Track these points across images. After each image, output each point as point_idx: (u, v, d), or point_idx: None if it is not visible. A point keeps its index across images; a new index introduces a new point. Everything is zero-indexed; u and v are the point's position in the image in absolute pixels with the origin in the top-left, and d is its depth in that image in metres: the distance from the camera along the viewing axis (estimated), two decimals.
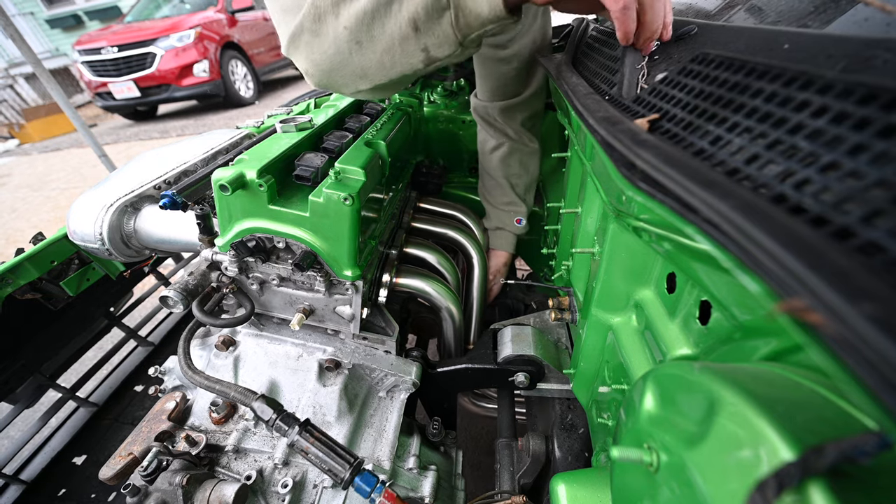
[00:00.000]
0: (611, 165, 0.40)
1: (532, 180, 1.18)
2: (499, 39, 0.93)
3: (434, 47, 0.64)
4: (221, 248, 0.75)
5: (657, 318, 0.55)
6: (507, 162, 1.11)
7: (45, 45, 10.87)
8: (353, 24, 0.64)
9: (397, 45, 0.64)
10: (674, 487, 0.30)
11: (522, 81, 1.02)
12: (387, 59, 0.67)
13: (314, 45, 0.68)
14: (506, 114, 1.05)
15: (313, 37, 0.67)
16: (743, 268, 0.23)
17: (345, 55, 0.67)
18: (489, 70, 1.00)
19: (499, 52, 0.95)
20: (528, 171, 1.15)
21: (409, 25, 0.62)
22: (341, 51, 0.67)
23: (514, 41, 0.93)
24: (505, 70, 0.98)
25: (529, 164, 1.14)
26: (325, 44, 0.67)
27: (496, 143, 1.09)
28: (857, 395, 0.18)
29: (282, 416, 0.68)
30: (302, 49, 0.69)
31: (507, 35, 0.92)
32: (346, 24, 0.64)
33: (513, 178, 1.14)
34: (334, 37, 0.65)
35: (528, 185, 1.18)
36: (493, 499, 0.81)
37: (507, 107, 1.04)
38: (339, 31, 0.65)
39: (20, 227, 3.91)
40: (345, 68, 0.70)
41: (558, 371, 0.91)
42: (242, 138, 1.15)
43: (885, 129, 0.23)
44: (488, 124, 1.09)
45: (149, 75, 6.01)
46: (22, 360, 1.11)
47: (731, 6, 0.60)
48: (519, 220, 1.19)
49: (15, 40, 2.83)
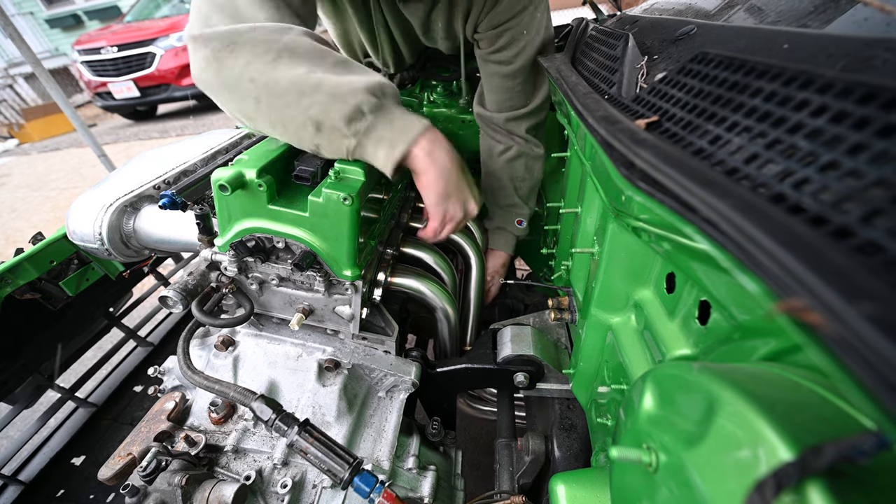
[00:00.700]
0: (610, 165, 0.40)
1: (535, 184, 1.18)
2: (504, 56, 0.95)
3: (324, 149, 0.67)
4: (221, 248, 0.75)
5: (656, 318, 0.55)
6: (512, 165, 1.11)
7: (44, 45, 10.88)
8: (261, 84, 0.63)
9: (292, 126, 0.65)
10: (673, 487, 0.30)
11: (528, 94, 1.04)
12: (278, 126, 0.67)
13: (214, 64, 0.64)
14: (512, 123, 1.07)
15: (216, 59, 0.63)
16: (742, 267, 0.23)
17: (238, 95, 0.65)
18: (495, 84, 1.01)
19: (504, 69, 0.97)
20: (532, 176, 1.15)
21: (312, 124, 0.64)
22: (237, 90, 0.64)
23: (518, 56, 0.94)
24: (511, 84, 1.00)
25: (534, 168, 1.14)
26: (225, 73, 0.64)
27: (503, 147, 1.10)
28: (855, 395, 0.18)
29: (281, 416, 0.68)
30: (200, 54, 0.65)
31: (512, 51, 0.94)
32: (254, 77, 0.63)
33: (517, 180, 1.14)
34: (238, 76, 0.63)
35: (531, 188, 1.18)
36: (492, 499, 0.81)
37: (513, 117, 1.05)
38: (245, 77, 0.63)
39: (20, 227, 3.91)
40: (231, 102, 0.67)
41: (558, 371, 0.91)
42: (242, 138, 1.15)
43: (884, 128, 0.23)
44: (494, 131, 1.10)
45: (148, 75, 6.01)
46: (21, 360, 1.11)
47: (731, 6, 0.60)
48: (520, 221, 1.19)
49: (14, 40, 2.83)
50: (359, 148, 0.66)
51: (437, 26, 0.99)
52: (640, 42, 0.64)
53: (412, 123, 0.69)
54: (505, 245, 1.22)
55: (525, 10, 0.89)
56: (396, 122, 0.67)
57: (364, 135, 0.65)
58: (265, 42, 0.63)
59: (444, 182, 0.74)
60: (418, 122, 0.69)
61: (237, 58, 0.62)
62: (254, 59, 0.62)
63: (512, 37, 0.92)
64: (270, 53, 0.62)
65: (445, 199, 0.77)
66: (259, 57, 0.62)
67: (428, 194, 0.76)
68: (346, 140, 0.65)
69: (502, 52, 0.94)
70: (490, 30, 0.92)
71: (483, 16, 0.91)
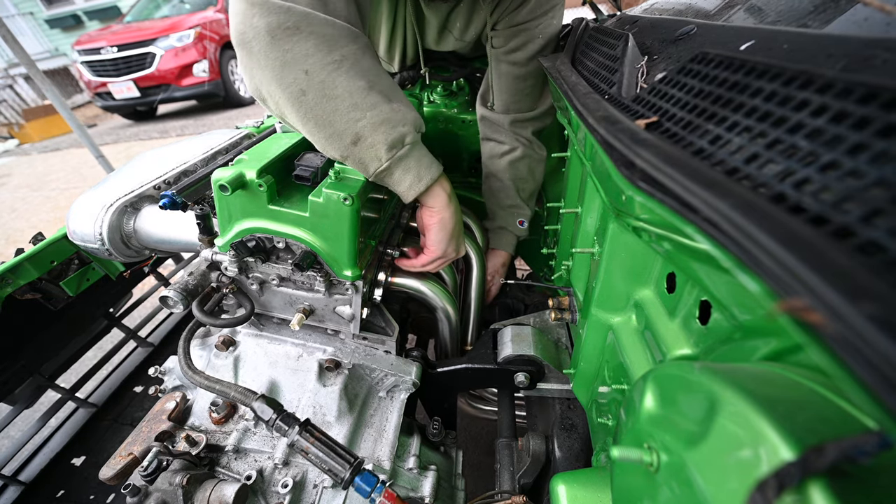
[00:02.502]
0: (610, 165, 0.40)
1: (537, 186, 1.19)
2: (517, 57, 0.96)
3: (350, 160, 0.69)
4: (221, 249, 0.75)
5: (657, 317, 0.55)
6: (516, 166, 1.12)
7: (44, 45, 10.88)
8: (315, 80, 0.61)
9: (329, 130, 0.65)
10: (674, 487, 0.30)
11: (536, 98, 1.05)
12: (309, 123, 0.65)
13: (267, 37, 0.60)
14: (517, 125, 1.07)
15: (273, 34, 0.59)
16: (743, 267, 0.23)
17: (281, 78, 0.62)
18: (506, 85, 1.02)
19: (516, 70, 0.98)
20: (534, 178, 1.16)
21: (352, 136, 0.66)
22: (283, 74, 0.61)
23: (532, 60, 0.96)
24: (521, 86, 1.01)
25: (536, 171, 1.15)
26: (276, 53, 0.60)
27: (507, 149, 1.10)
28: (856, 394, 0.18)
29: (282, 416, 0.68)
30: (259, 18, 0.59)
31: (526, 53, 0.95)
32: (310, 70, 0.61)
33: (519, 181, 1.14)
34: (290, 61, 0.60)
35: (532, 190, 1.19)
36: (493, 499, 0.81)
37: (520, 119, 1.06)
38: (299, 65, 0.61)
39: (20, 227, 3.91)
40: (266, 78, 0.63)
41: (558, 371, 0.91)
42: (242, 138, 1.15)
43: (884, 128, 0.23)
44: (497, 132, 1.11)
45: (148, 75, 6.01)
46: (22, 361, 1.11)
47: (731, 6, 0.60)
48: (522, 221, 1.20)
49: (7, 41, 2.83)
50: (386, 172, 0.70)
51: (455, 25, 1.01)
52: (640, 42, 0.64)
53: (435, 163, 0.76)
54: (506, 245, 1.22)
55: (546, 15, 0.91)
56: (423, 158, 0.73)
57: (395, 162, 0.69)
58: (333, 41, 0.61)
59: (453, 224, 0.81)
60: (439, 164, 0.76)
61: (297, 43, 0.60)
62: (316, 53, 0.61)
63: (527, 38, 0.93)
64: (335, 54, 0.62)
65: (450, 239, 0.83)
66: (322, 54, 0.61)
67: (436, 230, 0.81)
68: (379, 162, 0.68)
69: (516, 52, 0.95)
70: (508, 28, 0.93)
71: (506, 13, 0.92)
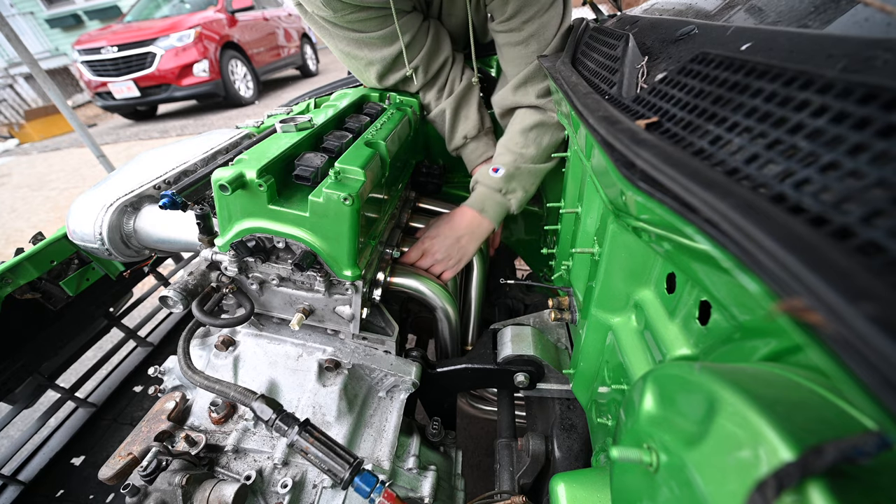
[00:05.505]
0: (610, 165, 0.40)
1: (539, 151, 1.08)
2: (513, 24, 1.01)
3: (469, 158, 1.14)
4: (221, 248, 0.75)
5: (657, 318, 0.55)
6: (522, 118, 1.09)
7: (44, 45, 10.88)
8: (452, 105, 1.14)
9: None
10: (673, 487, 0.30)
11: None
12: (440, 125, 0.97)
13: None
14: (520, 92, 1.08)
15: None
16: (742, 267, 0.23)
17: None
18: (510, 55, 1.07)
19: (514, 36, 1.02)
20: (539, 145, 1.07)
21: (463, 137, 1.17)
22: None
23: (528, 24, 0.99)
24: (524, 52, 1.04)
25: (544, 139, 1.07)
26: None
27: (525, 113, 1.09)
28: (856, 395, 0.18)
29: (281, 416, 0.68)
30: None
31: (521, 18, 0.99)
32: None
33: (523, 138, 1.08)
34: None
35: (532, 157, 1.09)
36: (492, 499, 0.81)
37: (520, 82, 1.08)
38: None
39: (20, 227, 3.91)
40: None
41: (558, 371, 0.91)
42: (242, 138, 1.15)
43: (884, 128, 0.23)
44: (508, 115, 1.14)
45: (148, 75, 6.02)
46: (21, 360, 1.11)
47: (731, 6, 0.60)
48: (496, 168, 1.08)
49: (11, 40, 2.83)
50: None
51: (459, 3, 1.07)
52: (641, 42, 0.64)
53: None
54: (475, 201, 1.11)
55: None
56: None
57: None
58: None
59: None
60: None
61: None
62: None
63: (520, 5, 0.96)
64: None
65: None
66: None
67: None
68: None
69: (511, 20, 0.99)
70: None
71: None
